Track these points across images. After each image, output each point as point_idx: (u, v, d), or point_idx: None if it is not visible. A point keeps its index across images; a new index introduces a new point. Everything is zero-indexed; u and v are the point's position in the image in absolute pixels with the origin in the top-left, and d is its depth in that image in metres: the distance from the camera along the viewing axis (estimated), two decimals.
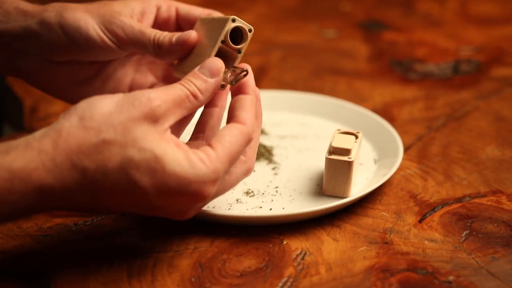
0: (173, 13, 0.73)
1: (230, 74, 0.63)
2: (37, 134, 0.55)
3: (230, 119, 0.62)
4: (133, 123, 0.56)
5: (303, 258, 0.64)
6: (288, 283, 0.61)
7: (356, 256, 0.65)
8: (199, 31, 0.69)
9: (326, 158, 0.70)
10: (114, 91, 0.74)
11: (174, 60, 0.71)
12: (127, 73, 0.75)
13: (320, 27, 1.25)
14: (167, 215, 0.60)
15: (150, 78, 0.76)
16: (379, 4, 1.37)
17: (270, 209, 0.70)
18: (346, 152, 0.70)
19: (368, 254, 0.65)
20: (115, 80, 0.74)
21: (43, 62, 0.71)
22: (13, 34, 0.69)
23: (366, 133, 0.82)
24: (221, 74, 0.62)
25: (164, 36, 0.68)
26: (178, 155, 0.56)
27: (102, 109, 0.56)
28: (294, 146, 0.83)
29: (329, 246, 0.66)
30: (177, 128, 0.66)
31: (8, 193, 0.53)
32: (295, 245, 0.66)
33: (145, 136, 0.56)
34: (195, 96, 0.60)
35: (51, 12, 0.69)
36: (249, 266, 0.63)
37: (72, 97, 0.75)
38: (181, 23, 0.73)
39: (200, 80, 0.61)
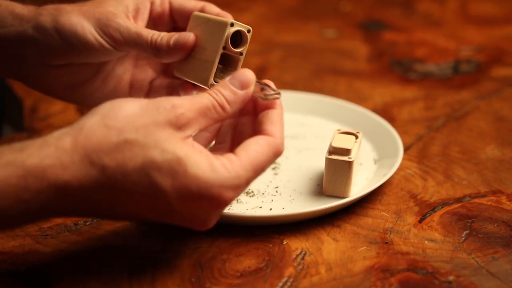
0: (166, 7, 0.72)
1: (261, 90, 0.62)
2: (56, 132, 0.55)
3: (257, 133, 0.61)
4: (156, 127, 0.55)
5: (303, 258, 0.64)
6: (288, 283, 0.61)
7: (356, 256, 0.65)
8: (195, 30, 0.69)
9: (326, 158, 0.70)
10: (114, 88, 0.74)
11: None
12: (126, 69, 0.75)
13: (320, 27, 1.25)
14: (188, 223, 0.58)
15: (149, 73, 0.76)
16: (379, 4, 1.38)
17: (270, 209, 0.70)
18: (346, 152, 0.70)
19: (368, 254, 0.65)
20: (115, 78, 0.74)
21: (41, 66, 0.70)
22: (9, 39, 0.69)
23: (366, 133, 0.82)
24: (252, 87, 0.61)
25: (162, 37, 0.67)
26: (200, 159, 0.55)
27: (126, 111, 0.56)
28: (294, 146, 0.83)
29: (329, 246, 0.66)
30: (205, 136, 0.65)
31: (22, 190, 0.52)
32: (295, 245, 0.66)
33: (167, 139, 0.55)
34: (222, 107, 0.59)
35: (46, 16, 0.68)
36: (249, 266, 0.63)
37: (74, 98, 0.75)
38: (175, 16, 0.73)
39: (229, 91, 0.60)
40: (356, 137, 0.73)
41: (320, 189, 0.73)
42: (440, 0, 1.37)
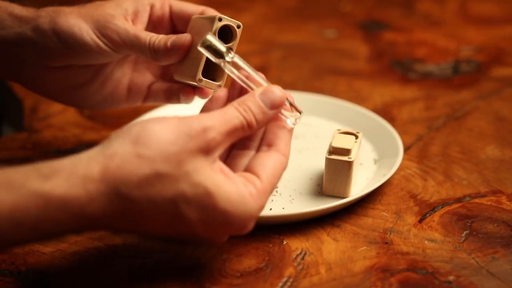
0: (166, 11, 0.72)
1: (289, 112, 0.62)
2: (85, 156, 0.53)
3: (271, 145, 0.61)
4: (187, 156, 0.54)
5: (303, 258, 0.64)
6: (288, 283, 0.61)
7: (356, 256, 0.65)
8: (193, 32, 0.69)
9: (326, 158, 0.70)
10: (112, 92, 0.74)
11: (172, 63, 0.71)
12: (125, 73, 0.75)
13: (320, 27, 1.25)
14: (202, 243, 0.59)
15: (148, 77, 0.76)
16: (379, 4, 1.37)
17: (270, 209, 0.70)
18: (346, 152, 0.70)
19: (368, 254, 0.65)
20: (113, 81, 0.74)
21: (39, 68, 0.70)
22: (8, 41, 0.69)
23: (366, 133, 0.82)
24: (281, 107, 0.60)
25: (159, 40, 0.67)
26: (230, 190, 0.55)
27: (157, 137, 0.54)
28: (294, 146, 0.82)
29: (329, 246, 0.66)
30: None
31: (41, 221, 0.51)
32: (295, 245, 0.66)
33: (198, 170, 0.55)
34: (250, 126, 0.58)
35: (44, 18, 0.68)
36: (249, 266, 0.63)
37: (72, 101, 0.75)
38: (175, 20, 0.73)
39: (259, 109, 0.59)
40: (356, 137, 0.73)
41: (320, 189, 0.73)
42: (440, 0, 1.37)
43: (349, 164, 0.70)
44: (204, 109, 0.64)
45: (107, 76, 0.73)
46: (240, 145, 0.62)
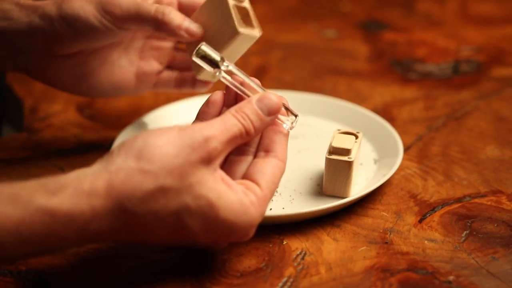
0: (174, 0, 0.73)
1: (288, 118, 0.62)
2: (89, 171, 0.54)
3: (269, 151, 0.61)
4: (190, 168, 0.55)
5: (303, 258, 0.64)
6: (288, 283, 0.61)
7: (356, 256, 0.65)
8: (202, 15, 0.70)
9: (326, 158, 0.70)
10: (120, 80, 0.75)
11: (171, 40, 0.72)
12: (132, 61, 0.76)
13: (320, 27, 1.25)
14: (203, 248, 0.61)
15: (155, 65, 0.77)
16: (379, 4, 1.37)
17: (270, 209, 0.70)
18: (346, 152, 0.70)
19: (368, 254, 0.65)
20: (121, 69, 0.75)
21: (47, 57, 0.71)
22: (16, 31, 0.70)
23: (366, 133, 0.82)
24: (278, 113, 0.61)
25: (173, 14, 0.69)
26: (231, 199, 0.56)
27: (160, 151, 0.55)
28: (294, 146, 0.83)
29: (329, 246, 0.66)
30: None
31: (46, 236, 0.52)
32: (295, 245, 0.66)
33: (200, 182, 0.55)
34: (248, 133, 0.59)
35: (51, 5, 0.69)
36: (249, 266, 0.63)
37: (79, 90, 0.76)
38: (181, 10, 0.73)
39: (257, 117, 0.59)
40: (356, 137, 0.73)
41: (320, 189, 0.73)
42: (440, 0, 1.37)
43: (349, 164, 0.70)
44: (201, 113, 0.64)
45: (114, 63, 0.75)
46: (237, 151, 0.62)
